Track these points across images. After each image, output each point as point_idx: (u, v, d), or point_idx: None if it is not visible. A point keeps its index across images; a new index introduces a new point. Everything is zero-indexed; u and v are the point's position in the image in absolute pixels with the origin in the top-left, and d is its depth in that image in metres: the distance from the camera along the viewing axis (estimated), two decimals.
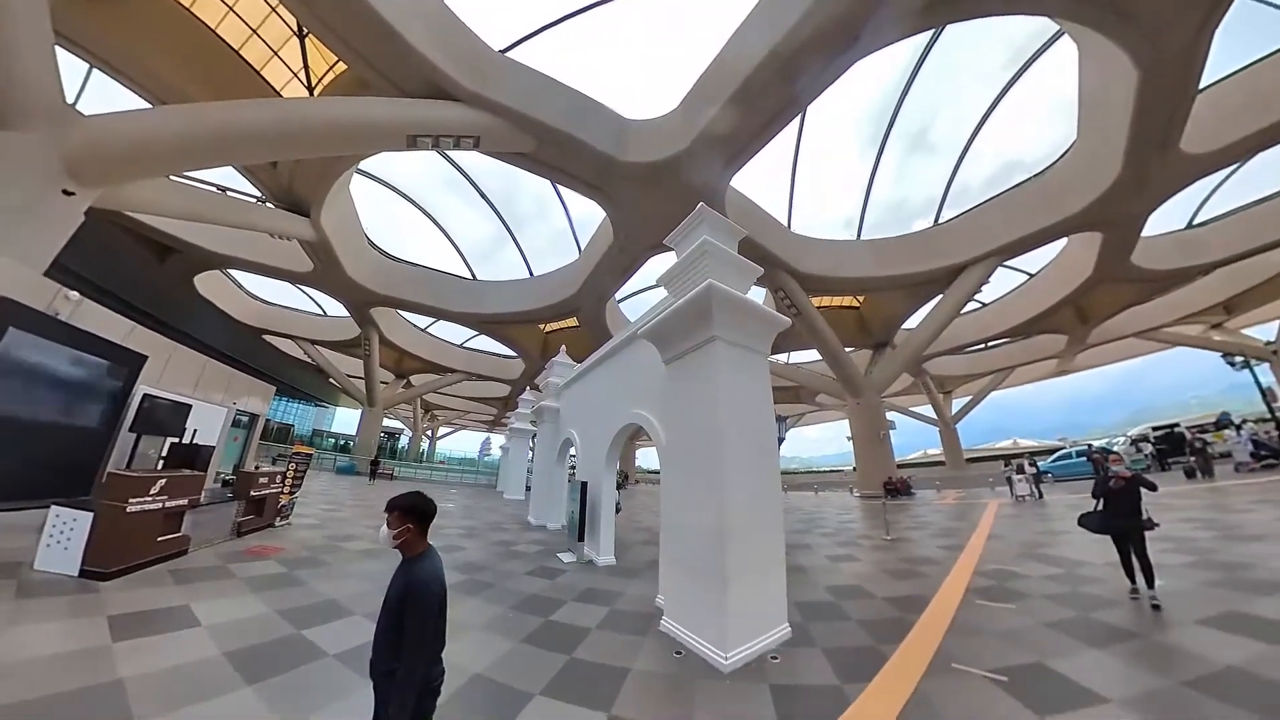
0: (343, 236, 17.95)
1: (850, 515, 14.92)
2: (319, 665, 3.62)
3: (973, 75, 17.12)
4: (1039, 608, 5.02)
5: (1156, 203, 14.92)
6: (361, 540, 8.46)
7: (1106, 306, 23.48)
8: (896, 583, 6.48)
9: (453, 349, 33.00)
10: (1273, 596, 4.73)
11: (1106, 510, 5.26)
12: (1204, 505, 9.95)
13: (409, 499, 2.18)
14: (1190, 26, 9.61)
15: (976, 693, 3.34)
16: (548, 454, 13.84)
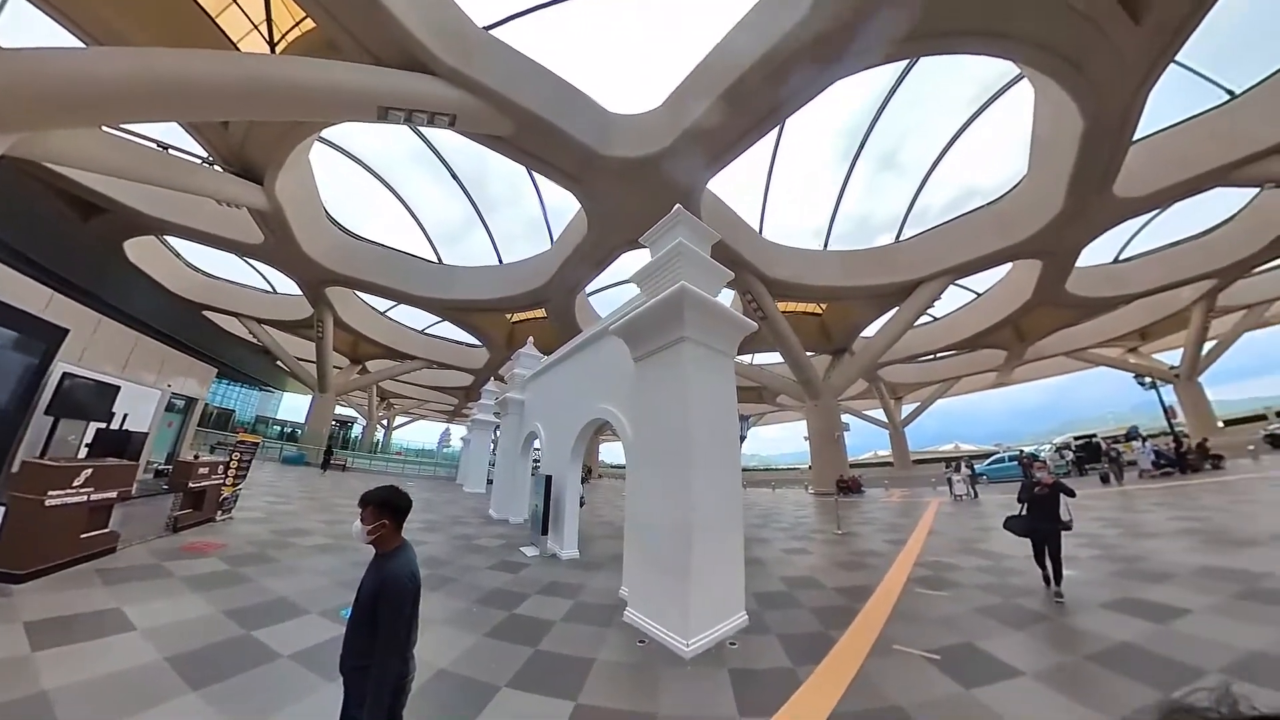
0: (298, 208, 16.77)
1: (805, 511, 15.57)
2: (273, 667, 3.47)
3: (942, 105, 18.29)
4: (970, 595, 5.54)
5: (1090, 237, 16.63)
6: (314, 535, 8.04)
7: (1042, 327, 25.92)
8: (845, 574, 6.91)
9: (413, 335, 31.60)
10: (1162, 584, 5.41)
11: (1030, 514, 5.58)
12: (1113, 507, 11.09)
13: (384, 493, 2.15)
14: (1130, 85, 10.78)
15: (913, 670, 3.70)
16: (511, 447, 13.65)
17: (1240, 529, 7.62)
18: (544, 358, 14.26)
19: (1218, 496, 11.07)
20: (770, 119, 12.12)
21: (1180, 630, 4.16)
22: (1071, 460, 21.14)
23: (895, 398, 39.57)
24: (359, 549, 7.09)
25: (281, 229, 16.89)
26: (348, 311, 26.04)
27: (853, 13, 9.43)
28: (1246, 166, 13.57)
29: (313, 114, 10.69)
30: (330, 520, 9.59)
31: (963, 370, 35.20)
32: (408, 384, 41.62)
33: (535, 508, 8.84)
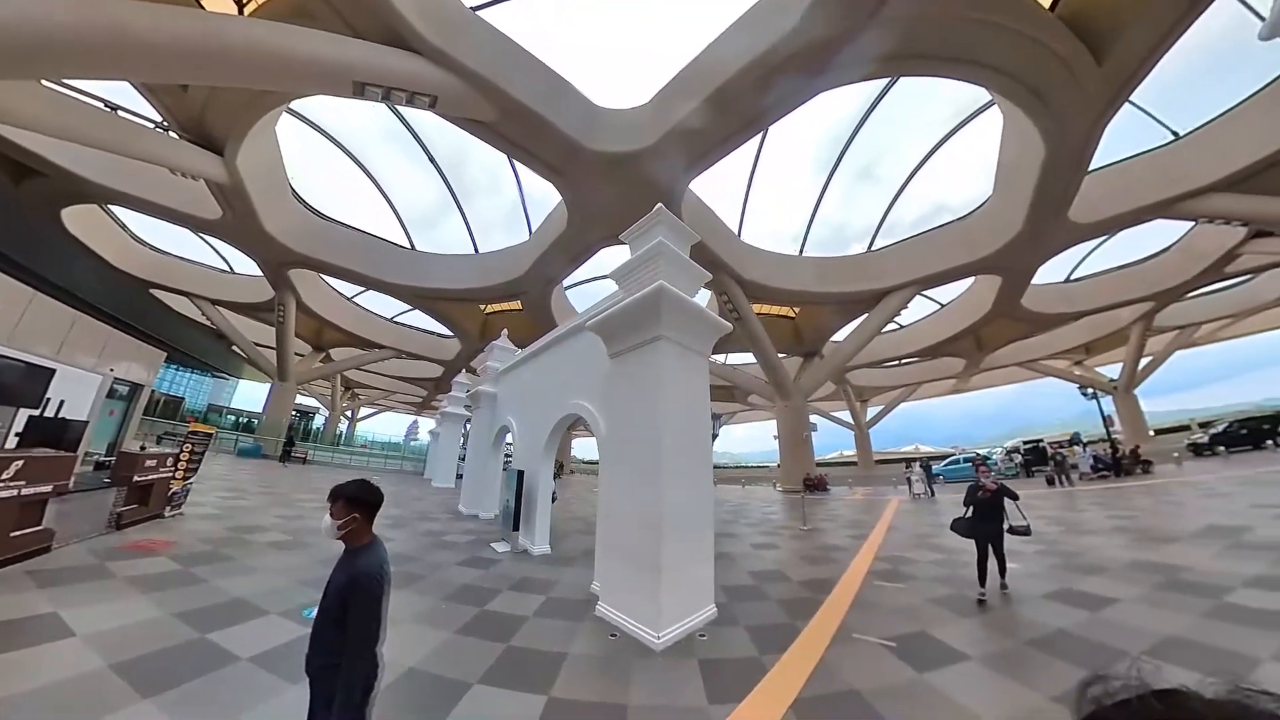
0: (262, 183, 15.83)
1: (772, 508, 15.96)
2: (232, 671, 3.30)
3: (920, 123, 19.05)
4: (924, 587, 5.87)
5: (1046, 258, 17.94)
6: (272, 532, 7.67)
7: (998, 338, 27.60)
8: (810, 567, 7.17)
9: (381, 323, 30.38)
10: (1096, 576, 5.87)
11: (975, 517, 5.65)
12: (1055, 506, 11.87)
13: (355, 487, 2.09)
14: (1089, 120, 11.67)
15: (871, 657, 3.92)
16: (482, 441, 13.42)
17: (1164, 527, 8.32)
18: (518, 351, 14.06)
19: (1146, 498, 12.01)
20: (754, 125, 12.34)
21: (1109, 618, 4.54)
22: (1020, 463, 22.67)
23: (861, 400, 41.05)
24: (321, 546, 6.83)
25: (242, 204, 15.93)
26: (312, 295, 24.82)
27: (838, 29, 9.71)
28: (1184, 202, 14.86)
29: (281, 84, 10.12)
30: (290, 516, 9.17)
31: (925, 376, 36.92)
32: (374, 374, 40.09)
33: (507, 503, 8.73)
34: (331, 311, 26.94)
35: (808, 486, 21.08)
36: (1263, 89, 13.22)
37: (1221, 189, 14.32)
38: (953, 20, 9.88)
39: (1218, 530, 7.57)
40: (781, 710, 3.10)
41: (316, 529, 8.03)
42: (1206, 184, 14.27)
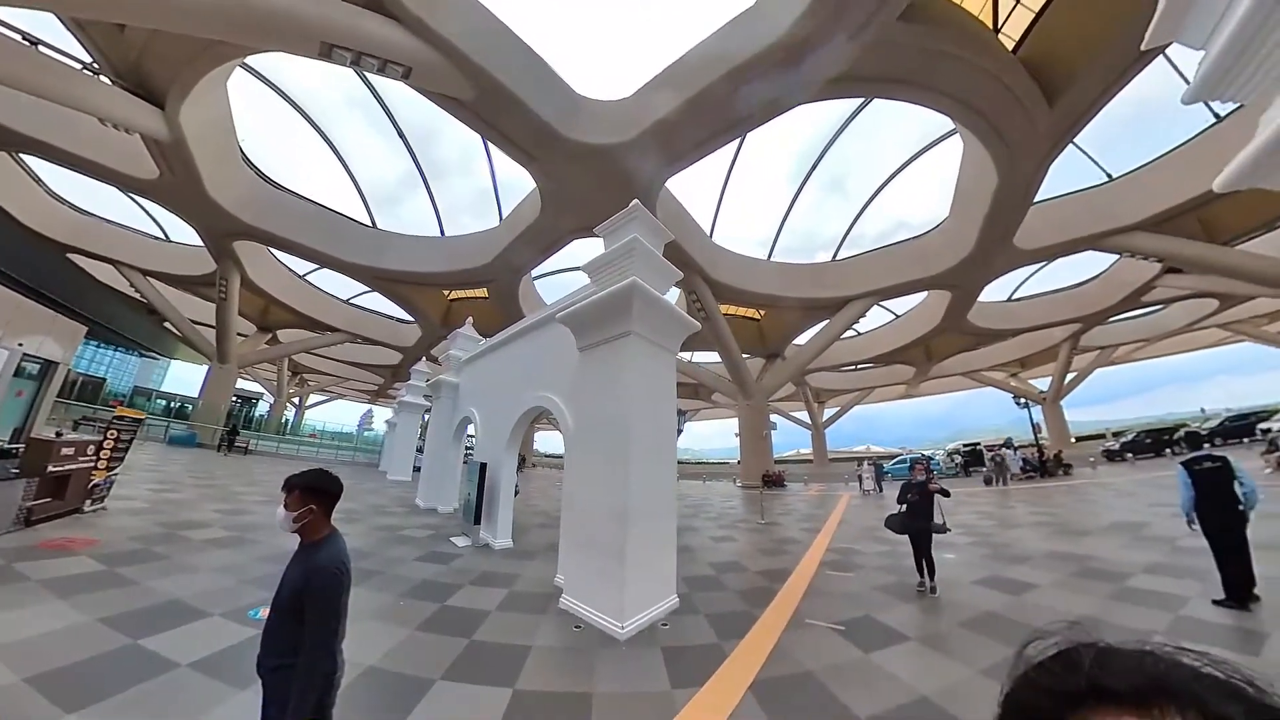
0: (208, 143, 14.49)
1: (732, 502, 16.43)
2: (170, 679, 3.06)
3: (889, 142, 20.11)
4: (870, 576, 6.31)
5: (992, 278, 19.62)
6: (211, 527, 7.11)
7: (946, 349, 29.69)
8: (767, 558, 7.51)
9: (335, 304, 28.59)
10: (1020, 565, 6.49)
11: (908, 514, 5.85)
12: (989, 503, 12.87)
13: (311, 477, 1.99)
14: (1038, 156, 12.77)
15: (822, 640, 4.24)
16: (443, 432, 13.02)
17: (1079, 522, 9.23)
18: (483, 340, 13.72)
19: (1066, 497, 13.23)
20: (729, 132, 12.59)
21: (1030, 601, 5.07)
22: (960, 463, 24.52)
23: (819, 402, 42.75)
24: (267, 542, 6.47)
25: (183, 165, 14.53)
26: (259, 271, 23.02)
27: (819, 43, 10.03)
28: (1111, 237, 16.59)
29: (238, 35, 9.28)
30: (231, 510, 8.54)
31: (878, 381, 39.04)
32: (326, 358, 37.74)
33: (468, 496, 8.55)
34: (280, 289, 25.08)
35: (766, 482, 21.80)
36: (1184, 143, 14.95)
37: (1144, 228, 16.07)
38: (928, 50, 10.47)
39: (1122, 526, 8.47)
40: (741, 692, 3.26)
41: (261, 524, 7.56)
42: (1131, 223, 15.99)
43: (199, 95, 12.64)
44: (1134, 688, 0.33)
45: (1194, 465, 4.79)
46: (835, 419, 42.98)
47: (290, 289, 25.93)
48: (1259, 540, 4.66)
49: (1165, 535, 7.32)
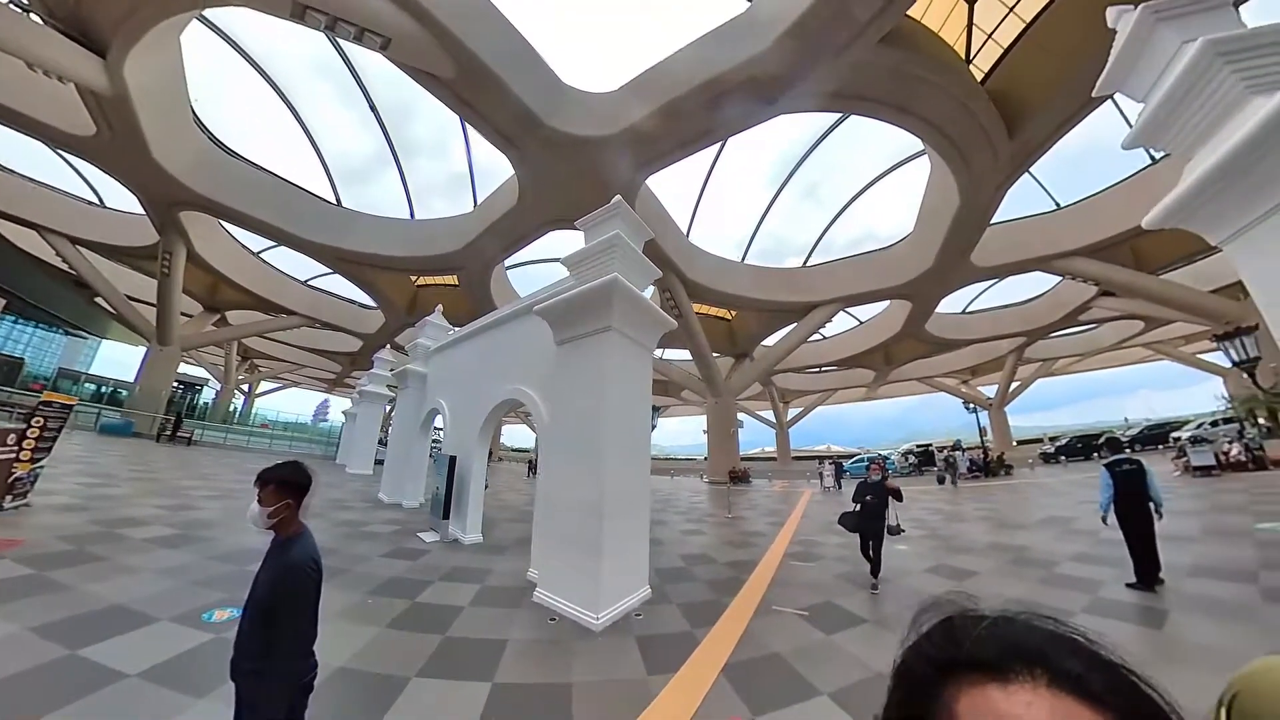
0: (155, 100, 13.28)
1: (700, 497, 16.76)
2: (118, 690, 2.82)
3: (864, 156, 21.20)
4: (830, 565, 6.70)
5: (949, 291, 21.08)
6: (154, 525, 6.59)
7: (904, 355, 31.44)
8: (734, 550, 7.79)
9: (292, 285, 26.95)
10: (964, 554, 7.08)
11: (863, 513, 5.89)
12: (940, 501, 13.71)
13: (286, 470, 1.93)
14: (997, 182, 13.77)
15: (788, 625, 4.50)
16: (409, 424, 12.63)
17: (1017, 517, 10.04)
18: (453, 329, 13.39)
19: (1006, 494, 14.27)
20: (710, 136, 12.86)
21: (972, 586, 5.61)
22: (913, 462, 26.10)
23: (784, 401, 44.06)
24: (217, 540, 6.11)
25: (126, 123, 13.23)
26: (208, 245, 21.34)
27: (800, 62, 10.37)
28: (1056, 261, 18.23)
29: None
30: (175, 506, 7.93)
31: (840, 383, 40.74)
32: (279, 343, 35.54)
33: (436, 490, 8.37)
34: (231, 266, 23.36)
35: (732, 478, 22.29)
36: (1123, 180, 16.63)
37: (1084, 254, 17.66)
38: (904, 74, 11.01)
39: (1054, 520, 9.27)
40: (714, 675, 3.42)
41: (211, 520, 7.11)
42: (1074, 249, 17.57)
43: (148, 46, 11.55)
44: (997, 654, 0.37)
45: (1114, 467, 5.33)
46: (799, 418, 44.48)
47: (242, 266, 24.21)
48: (1164, 533, 5.23)
49: (1090, 529, 8.05)
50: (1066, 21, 10.39)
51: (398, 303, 24.73)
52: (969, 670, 0.37)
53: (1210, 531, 7.13)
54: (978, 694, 0.35)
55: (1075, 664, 0.35)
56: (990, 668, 0.36)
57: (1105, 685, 0.33)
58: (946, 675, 0.38)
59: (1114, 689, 0.33)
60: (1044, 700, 0.33)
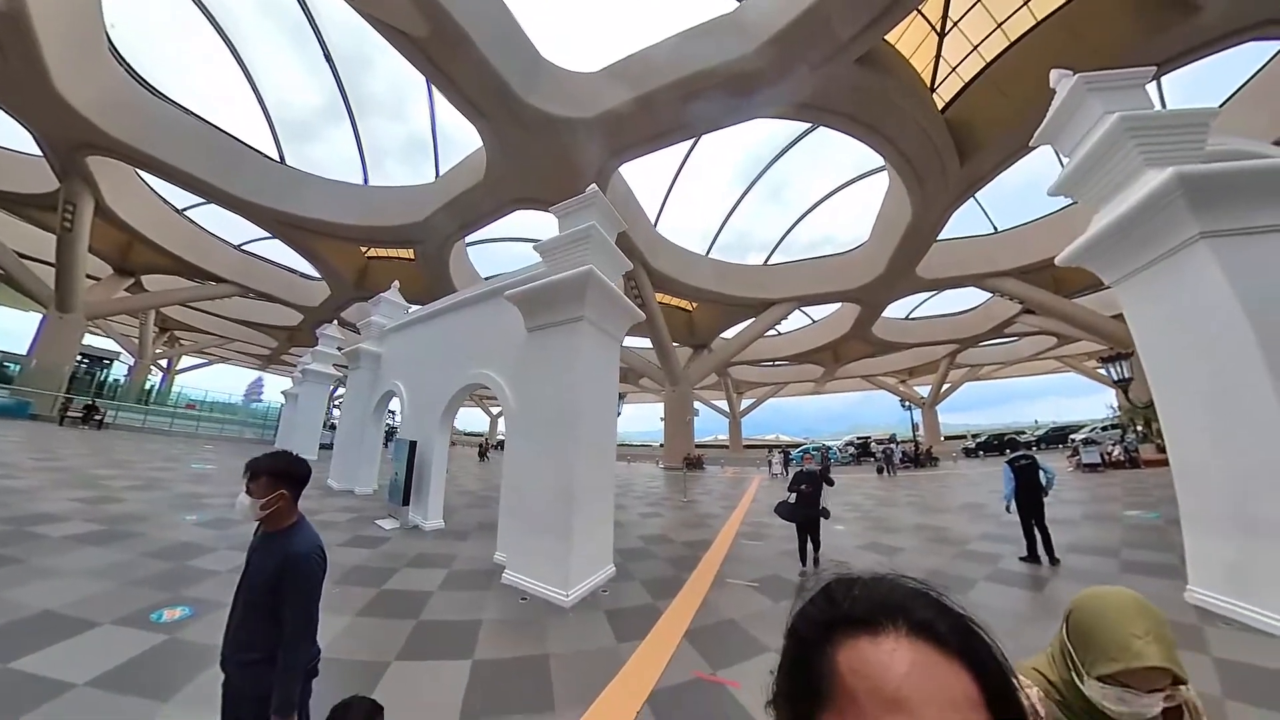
0: (61, 23, 11.59)
1: (656, 482, 17.35)
2: (69, 702, 2.62)
3: (831, 164, 22.68)
4: (777, 543, 7.31)
5: (895, 298, 23.26)
6: (71, 520, 5.97)
7: (851, 354, 33.77)
8: (690, 531, 8.36)
9: (221, 249, 24.29)
10: (894, 534, 7.95)
11: (797, 502, 6.00)
12: (876, 488, 14.95)
13: (280, 461, 1.95)
14: (945, 203, 15.18)
15: (740, 595, 5.01)
16: (361, 407, 12.01)
17: (939, 503, 11.26)
18: (411, 307, 12.90)
19: (932, 484, 15.80)
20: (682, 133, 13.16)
21: (898, 560, 6.36)
22: (853, 453, 28.70)
23: (738, 392, 45.76)
24: (149, 536, 5.71)
25: (22, 47, 11.41)
26: (121, 199, 18.82)
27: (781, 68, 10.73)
28: (990, 279, 20.59)
29: None
30: (94, 499, 7.22)
31: (791, 377, 42.95)
32: (206, 313, 32.12)
33: (395, 476, 8.21)
34: (148, 224, 20.63)
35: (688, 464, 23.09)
36: (1051, 214, 18.90)
37: (1014, 275, 19.99)
38: (874, 94, 11.72)
39: (969, 506, 10.51)
40: (677, 640, 3.82)
41: (139, 514, 6.58)
42: (1005, 270, 19.90)
43: None
44: (867, 610, 0.42)
45: (1014, 463, 6.22)
46: (751, 409, 46.58)
47: (162, 224, 21.48)
48: (1052, 518, 6.21)
49: (997, 514, 9.16)
50: (1023, 70, 11.51)
51: (345, 274, 23.06)
52: (846, 626, 0.42)
53: (1088, 517, 8.39)
54: (852, 645, 0.40)
55: (927, 613, 0.41)
56: (862, 622, 0.41)
57: (949, 629, 0.40)
58: (828, 632, 0.43)
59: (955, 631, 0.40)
60: (904, 645, 0.39)
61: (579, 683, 3.11)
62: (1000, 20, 11.65)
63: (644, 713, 2.80)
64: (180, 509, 7.18)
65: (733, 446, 44.06)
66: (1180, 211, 4.19)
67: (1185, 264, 4.35)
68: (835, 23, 9.61)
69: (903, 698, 0.35)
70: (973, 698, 0.37)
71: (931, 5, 11.33)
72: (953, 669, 0.38)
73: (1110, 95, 4.89)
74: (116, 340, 32.73)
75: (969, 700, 0.36)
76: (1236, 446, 4.01)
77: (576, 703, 2.87)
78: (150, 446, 15.76)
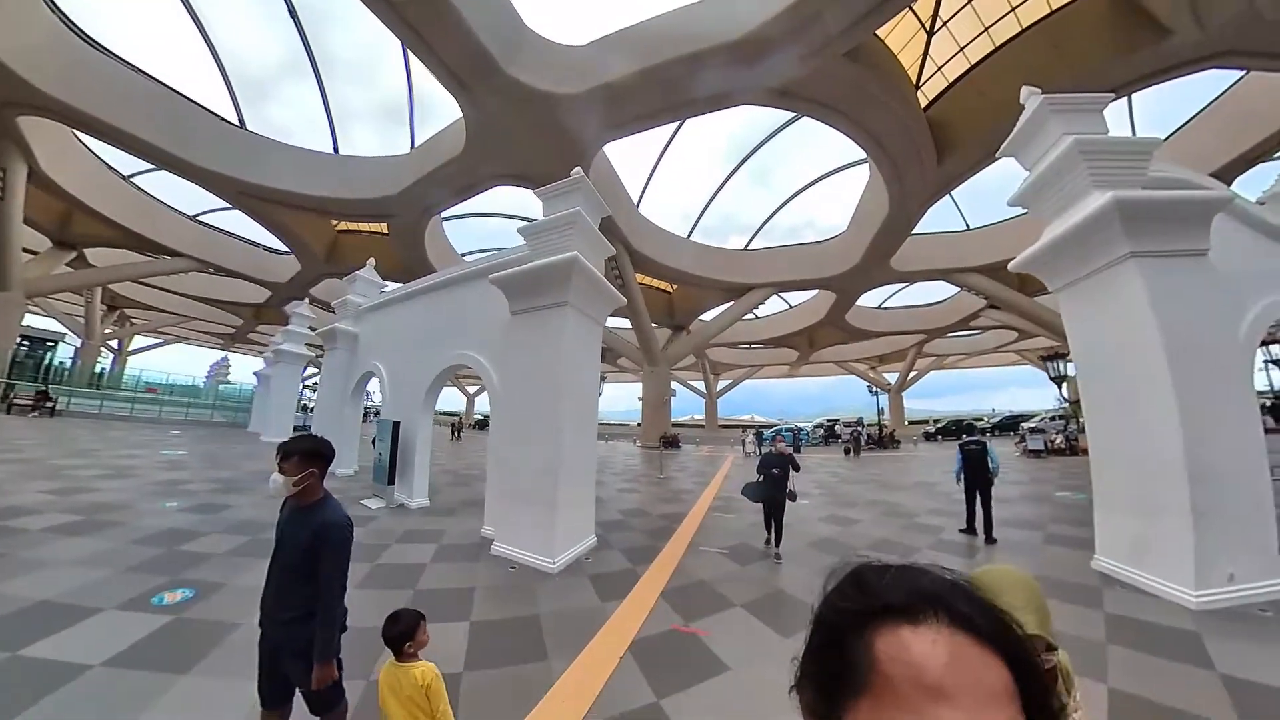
0: None
1: (634, 460, 17.96)
2: (87, 681, 2.69)
3: (816, 152, 22.49)
4: (747, 516, 7.71)
5: (869, 288, 24.25)
6: (46, 512, 5.87)
7: (825, 340, 35.21)
8: (666, 505, 8.90)
9: (175, 220, 22.45)
10: (852, 508, 8.66)
11: (767, 484, 6.03)
12: (842, 467, 15.86)
13: (309, 443, 2.16)
14: (922, 199, 15.84)
15: (711, 560, 5.49)
16: (338, 388, 11.86)
17: (896, 481, 12.16)
18: (386, 285, 12.70)
19: (892, 464, 16.87)
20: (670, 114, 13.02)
21: (855, 530, 7.07)
22: (821, 435, 29.87)
23: (715, 374, 46.72)
24: (130, 524, 5.74)
25: None
26: (58, 164, 17.17)
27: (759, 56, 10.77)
28: (959, 274, 21.68)
29: None
30: (65, 489, 7.07)
31: (767, 360, 44.26)
32: (159, 289, 29.76)
33: (379, 456, 8.33)
34: (91, 192, 18.86)
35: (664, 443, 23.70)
36: (1016, 216, 19.49)
37: (981, 272, 21.00)
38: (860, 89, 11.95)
39: (922, 484, 11.42)
40: (654, 598, 4.27)
41: (115, 504, 6.52)
42: (974, 266, 20.90)
43: None
44: (905, 598, 0.41)
45: (965, 446, 6.86)
46: (727, 390, 47.72)
47: (106, 192, 19.63)
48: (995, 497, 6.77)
49: (946, 491, 10.04)
50: (1004, 76, 11.95)
51: (315, 249, 21.99)
52: (882, 614, 0.41)
53: (1025, 496, 9.30)
54: (892, 633, 0.40)
55: (967, 607, 0.41)
56: (902, 611, 0.41)
57: (989, 625, 0.40)
58: (865, 619, 0.42)
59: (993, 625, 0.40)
60: (945, 636, 0.38)
61: (568, 636, 3.48)
62: (988, 24, 11.99)
63: (627, 658, 3.19)
64: (158, 496, 7.18)
65: (709, 426, 45.21)
66: (1115, 232, 4.68)
67: (1116, 279, 4.87)
68: (827, 15, 9.70)
69: (944, 686, 0.36)
70: (1008, 688, 0.38)
71: (924, 3, 11.53)
72: (990, 661, 0.38)
73: (1070, 117, 5.30)
74: (60, 320, 30.36)
75: (1006, 691, 0.37)
76: (1140, 441, 4.65)
77: (567, 652, 3.24)
78: (111, 434, 15.19)
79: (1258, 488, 4.34)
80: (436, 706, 1.94)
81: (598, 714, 2.63)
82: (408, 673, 1.95)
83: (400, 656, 1.99)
